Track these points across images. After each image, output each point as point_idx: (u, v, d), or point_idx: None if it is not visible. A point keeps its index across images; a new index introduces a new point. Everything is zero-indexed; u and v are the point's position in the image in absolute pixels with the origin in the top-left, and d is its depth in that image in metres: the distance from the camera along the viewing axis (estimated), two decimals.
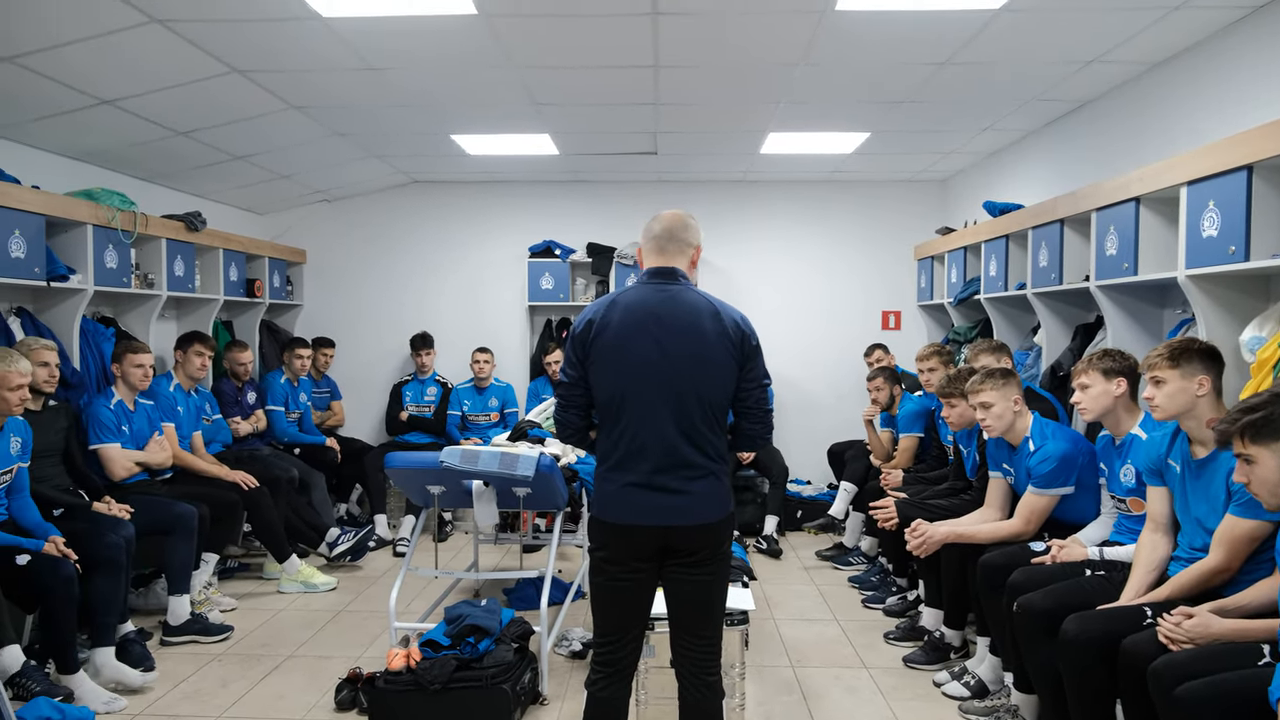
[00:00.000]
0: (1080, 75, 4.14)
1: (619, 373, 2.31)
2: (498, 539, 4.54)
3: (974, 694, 3.34)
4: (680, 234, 2.42)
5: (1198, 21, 3.43)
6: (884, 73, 4.20)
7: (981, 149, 5.85)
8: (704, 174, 6.89)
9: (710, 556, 2.36)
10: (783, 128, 5.34)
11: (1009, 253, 4.81)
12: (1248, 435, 2.04)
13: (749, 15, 3.46)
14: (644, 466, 2.30)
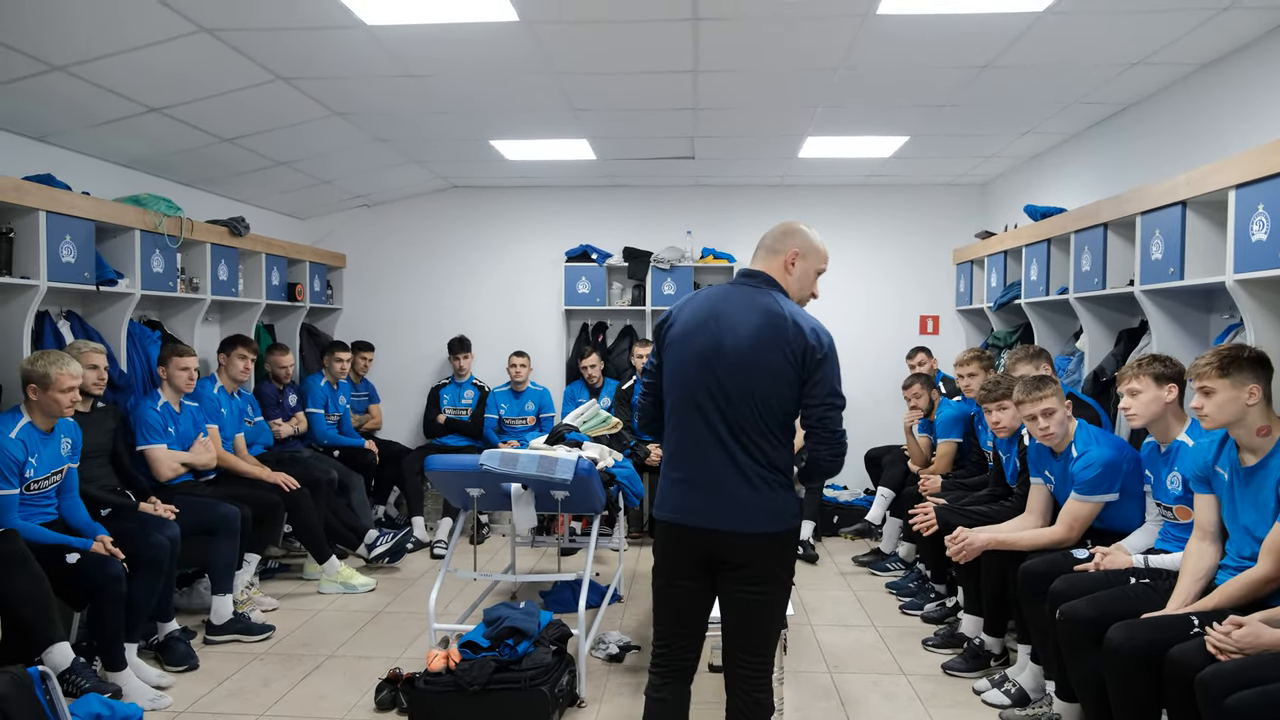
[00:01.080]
0: (1124, 77, 4.08)
1: (678, 366, 2.34)
2: (534, 542, 4.57)
3: (1015, 702, 3.29)
4: (775, 240, 2.42)
5: (1247, 23, 3.37)
6: (924, 76, 4.18)
7: (1022, 152, 5.78)
8: (741, 178, 6.89)
9: (762, 572, 2.28)
10: (821, 132, 5.33)
11: (1050, 257, 4.74)
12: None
13: (789, 20, 3.46)
14: (694, 464, 2.29)
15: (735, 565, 2.27)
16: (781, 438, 2.29)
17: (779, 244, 2.41)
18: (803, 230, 2.43)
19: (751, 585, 2.28)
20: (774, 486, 2.27)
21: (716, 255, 7.01)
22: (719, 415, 2.26)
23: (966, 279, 6.45)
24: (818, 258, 2.43)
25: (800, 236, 2.42)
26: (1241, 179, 2.97)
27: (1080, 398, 3.99)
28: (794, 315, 2.28)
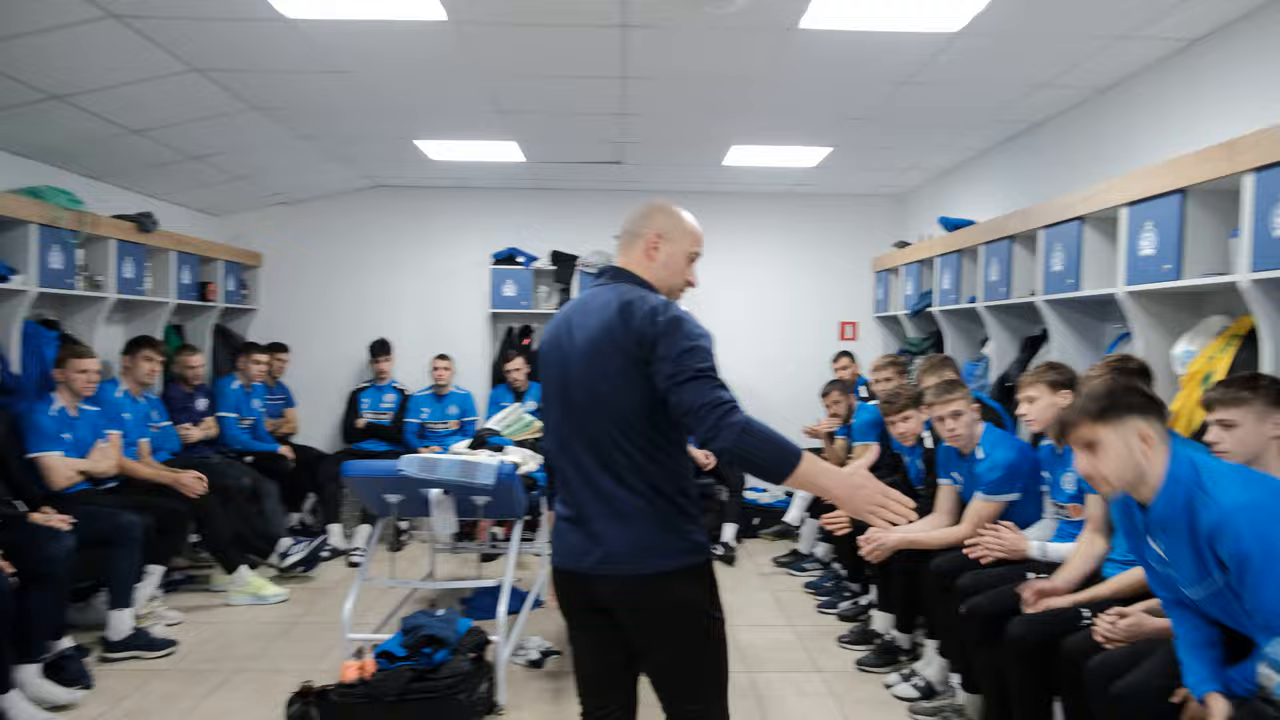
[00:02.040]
0: (1031, 98, 4.28)
1: (543, 389, 2.09)
2: (455, 548, 4.52)
3: (923, 695, 3.41)
4: (634, 223, 2.07)
5: (1139, 51, 3.58)
6: (845, 89, 4.30)
7: (938, 166, 6.00)
8: (668, 184, 6.94)
9: (658, 622, 1.91)
10: (746, 140, 5.44)
11: (961, 267, 4.93)
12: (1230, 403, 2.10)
13: (714, 30, 3.51)
14: (566, 498, 1.99)
15: (626, 614, 1.94)
16: (656, 452, 1.89)
17: (638, 226, 2.05)
18: (667, 208, 2.08)
19: (651, 636, 1.93)
20: (655, 515, 1.89)
21: None
22: (579, 439, 1.93)
23: (884, 287, 6.65)
24: (688, 239, 2.07)
25: (663, 216, 2.06)
26: (1131, 197, 3.15)
27: (986, 402, 4.15)
28: (627, 300, 1.89)
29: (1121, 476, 2.00)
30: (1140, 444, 1.98)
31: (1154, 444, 1.99)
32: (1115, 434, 1.99)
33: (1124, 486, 2.02)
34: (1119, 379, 2.36)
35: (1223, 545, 1.83)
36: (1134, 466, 1.99)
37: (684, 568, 1.92)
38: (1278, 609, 1.77)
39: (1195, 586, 1.97)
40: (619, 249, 2.10)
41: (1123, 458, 1.99)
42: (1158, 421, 2.04)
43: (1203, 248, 2.92)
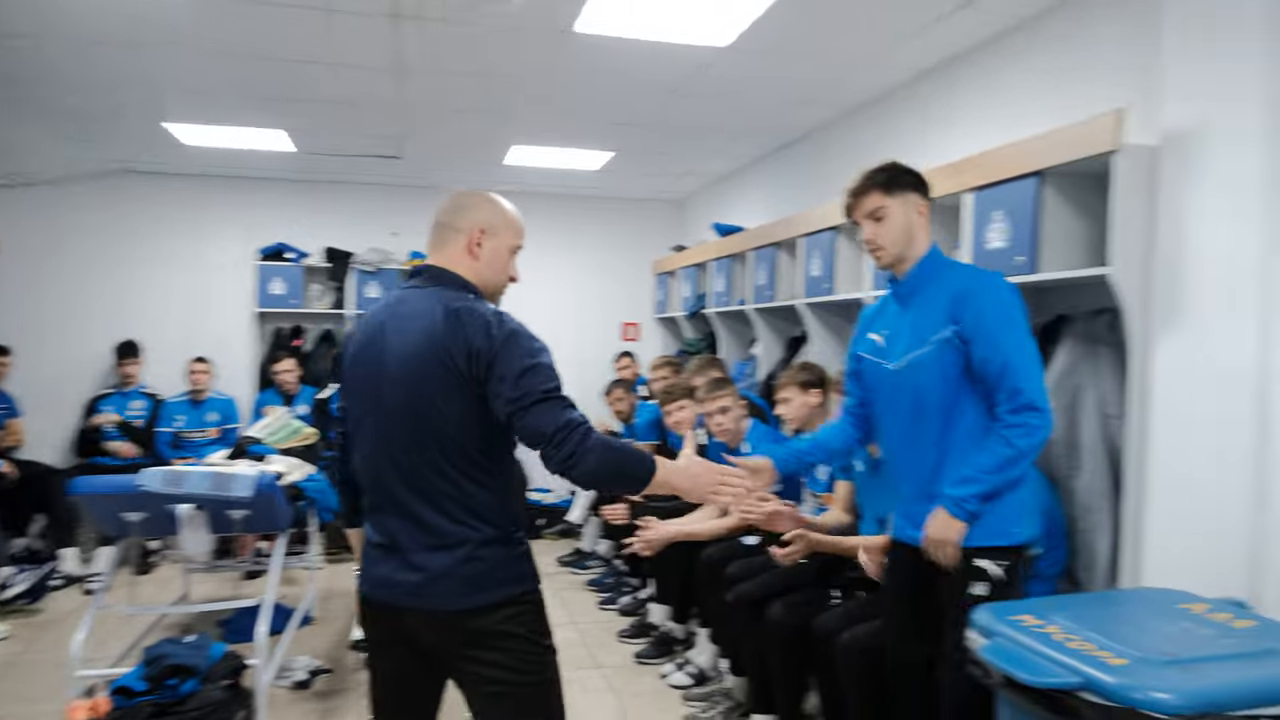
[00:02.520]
0: (796, 112, 4.58)
1: (350, 405, 1.86)
2: (214, 566, 4.17)
3: (695, 681, 3.55)
4: (451, 215, 1.86)
5: (881, 77, 3.94)
6: (623, 95, 4.39)
7: (714, 172, 6.29)
8: (450, 181, 6.79)
9: (478, 662, 1.73)
10: (526, 141, 5.43)
11: (733, 271, 5.19)
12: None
13: (490, 29, 3.47)
14: (380, 524, 1.79)
15: (447, 652, 1.77)
16: (483, 477, 1.74)
17: (457, 220, 1.85)
18: (488, 198, 1.90)
19: (476, 676, 1.76)
20: (480, 545, 1.72)
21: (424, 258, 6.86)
22: (394, 460, 1.74)
23: (664, 289, 6.88)
24: (511, 232, 1.90)
25: (485, 208, 1.88)
26: None
27: (753, 400, 4.40)
28: (453, 308, 1.71)
29: (898, 243, 2.17)
30: (917, 216, 2.18)
31: (925, 219, 2.20)
32: (899, 204, 2.17)
33: (896, 254, 2.19)
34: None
35: (966, 308, 2.07)
36: (909, 235, 2.17)
37: (511, 599, 1.75)
38: (999, 364, 2.03)
39: (909, 354, 2.16)
40: (432, 245, 1.88)
41: (902, 226, 2.17)
42: (927, 203, 2.24)
43: None
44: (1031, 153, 2.63)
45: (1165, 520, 2.34)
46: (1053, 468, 2.69)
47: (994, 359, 2.04)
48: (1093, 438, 2.63)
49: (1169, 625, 1.82)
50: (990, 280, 2.14)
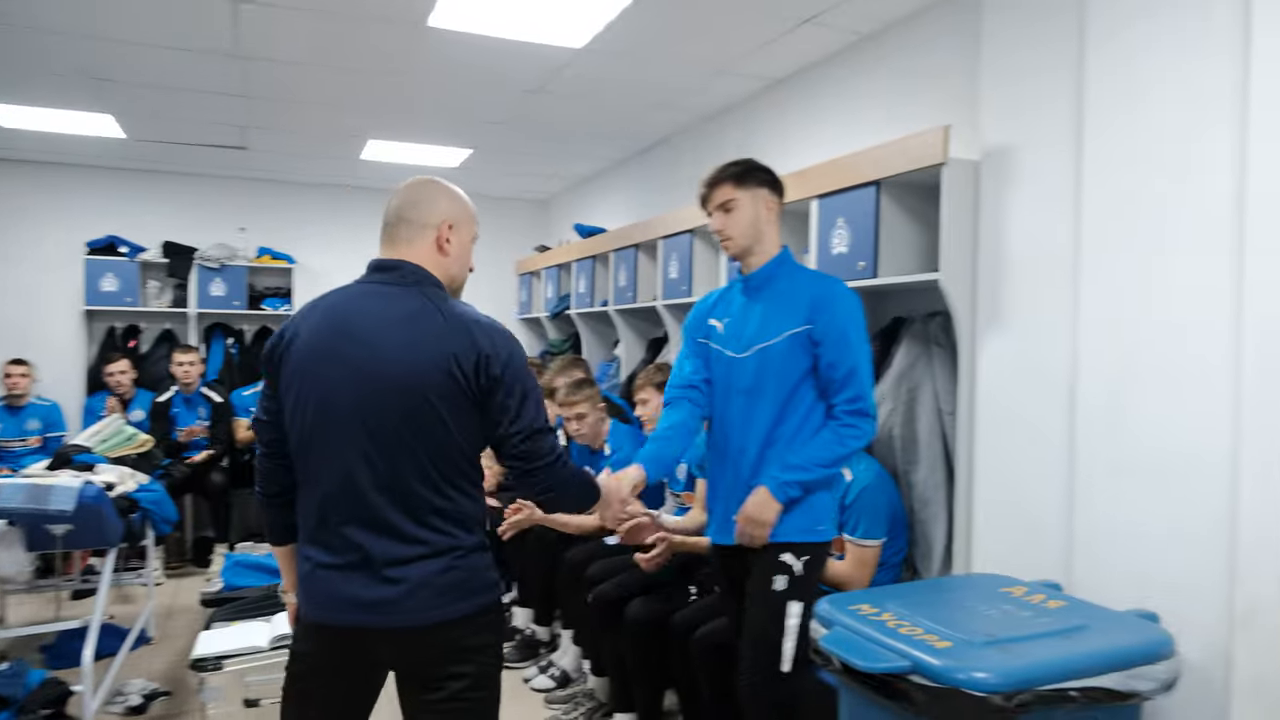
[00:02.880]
0: (653, 116, 4.64)
1: (304, 406, 1.68)
2: (35, 587, 3.84)
3: (558, 684, 3.54)
4: (416, 209, 1.76)
5: (736, 86, 4.05)
6: (481, 93, 4.33)
7: (577, 174, 6.29)
8: (303, 175, 6.53)
9: (447, 676, 1.66)
10: (384, 136, 5.28)
11: (595, 272, 5.21)
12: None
13: (338, 17, 3.35)
14: (339, 539, 1.65)
15: (410, 671, 1.69)
16: (464, 484, 1.70)
17: (424, 214, 1.75)
18: (449, 189, 1.81)
19: (442, 694, 1.66)
20: (457, 554, 1.67)
21: (275, 255, 6.56)
22: (369, 469, 1.64)
23: (527, 289, 6.83)
24: (472, 222, 1.84)
25: (448, 199, 1.79)
26: None
27: (615, 401, 4.43)
28: (458, 315, 1.68)
29: (745, 234, 2.22)
30: (765, 211, 2.23)
31: (774, 216, 2.25)
32: (749, 198, 2.21)
33: (743, 245, 2.23)
34: None
35: (823, 312, 2.13)
36: (757, 229, 2.22)
37: (489, 607, 1.72)
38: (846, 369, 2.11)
39: (756, 344, 2.19)
40: (392, 241, 1.76)
41: (750, 219, 2.21)
42: (780, 201, 2.28)
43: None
44: (870, 163, 2.77)
45: (991, 509, 2.51)
46: (894, 462, 2.84)
47: (841, 364, 2.12)
48: (929, 433, 2.79)
49: (991, 608, 1.96)
50: (844, 289, 2.23)
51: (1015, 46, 2.43)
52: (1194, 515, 1.92)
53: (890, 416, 2.81)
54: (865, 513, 2.67)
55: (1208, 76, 1.93)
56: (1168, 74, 2.02)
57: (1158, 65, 2.04)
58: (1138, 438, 2.05)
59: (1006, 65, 2.46)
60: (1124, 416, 2.08)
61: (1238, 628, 1.79)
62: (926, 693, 1.65)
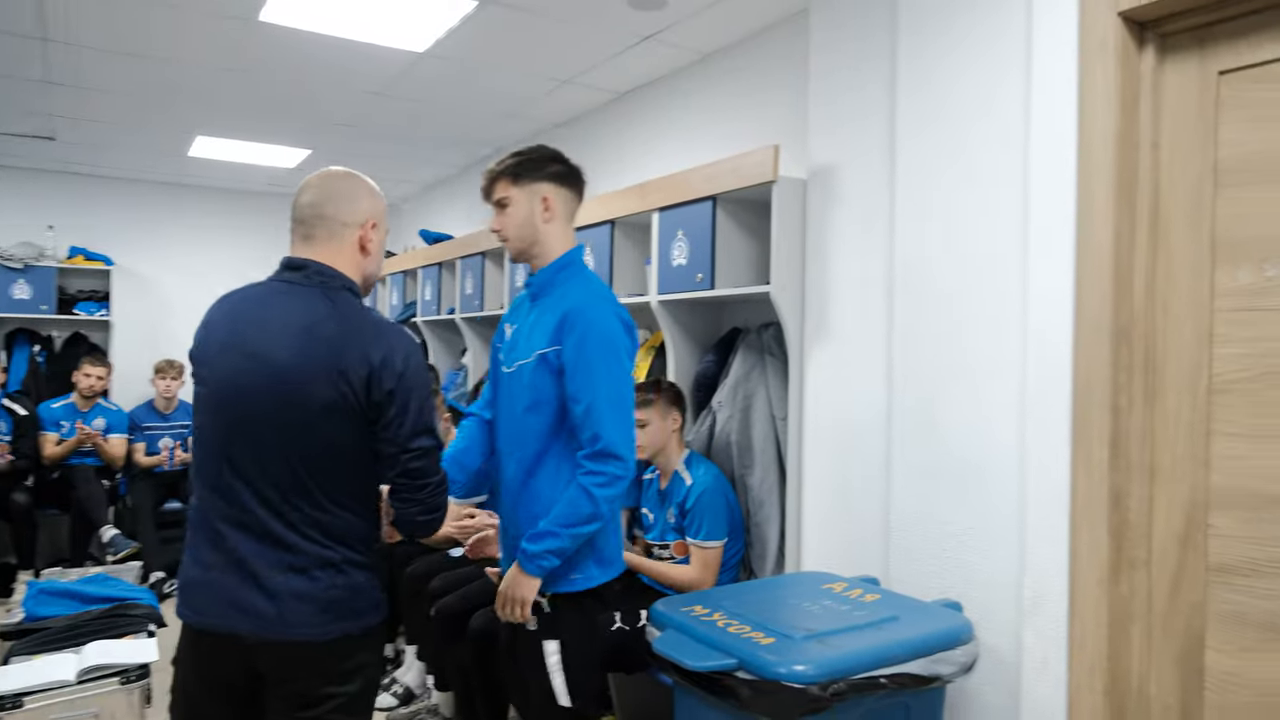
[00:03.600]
0: (500, 124, 4.62)
1: (201, 403, 1.67)
2: None
3: (401, 701, 3.46)
4: (331, 208, 1.69)
5: (581, 97, 4.10)
6: (320, 93, 4.18)
7: (423, 179, 6.16)
8: (122, 170, 6.08)
9: (324, 695, 1.60)
10: (214, 133, 5.01)
11: (441, 279, 5.12)
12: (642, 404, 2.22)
13: (158, 5, 3.15)
14: (218, 542, 1.61)
15: (283, 686, 1.63)
16: (350, 501, 1.64)
17: (345, 212, 1.69)
18: (365, 184, 1.75)
19: (306, 712, 1.60)
20: (340, 570, 1.62)
21: (89, 256, 6.08)
22: (251, 476, 1.60)
23: (372, 296, 6.62)
24: (385, 217, 1.78)
25: (369, 196, 1.74)
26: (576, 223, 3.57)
27: (460, 410, 4.37)
28: (356, 326, 1.62)
29: (518, 235, 2.02)
30: (542, 209, 2.01)
31: (559, 213, 2.03)
32: (524, 195, 2.02)
33: (518, 247, 2.04)
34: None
35: (570, 333, 1.90)
36: (532, 227, 2.01)
37: (370, 629, 1.67)
38: (585, 404, 1.88)
39: (518, 360, 2.00)
40: (305, 238, 1.68)
41: (523, 217, 2.01)
42: (574, 201, 2.10)
43: (630, 270, 3.43)
44: (706, 179, 2.87)
45: (818, 511, 2.66)
46: (731, 466, 2.94)
47: (581, 399, 1.89)
48: (764, 439, 2.91)
49: (812, 604, 2.07)
50: (600, 310, 1.94)
51: (838, 67, 2.59)
52: (991, 512, 2.10)
53: (728, 423, 2.92)
54: (706, 515, 2.75)
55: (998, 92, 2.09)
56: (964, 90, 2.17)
57: (954, 82, 2.20)
58: (944, 442, 2.22)
59: (830, 85, 2.61)
60: (932, 423, 2.25)
61: (1027, 614, 1.97)
62: (751, 688, 1.73)
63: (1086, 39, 1.85)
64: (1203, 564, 1.78)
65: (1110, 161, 1.81)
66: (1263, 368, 1.69)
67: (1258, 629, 1.69)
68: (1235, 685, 1.73)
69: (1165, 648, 1.83)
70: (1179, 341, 1.81)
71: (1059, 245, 1.91)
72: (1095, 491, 1.84)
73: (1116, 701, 1.85)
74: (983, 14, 2.13)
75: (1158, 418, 1.85)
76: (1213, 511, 1.76)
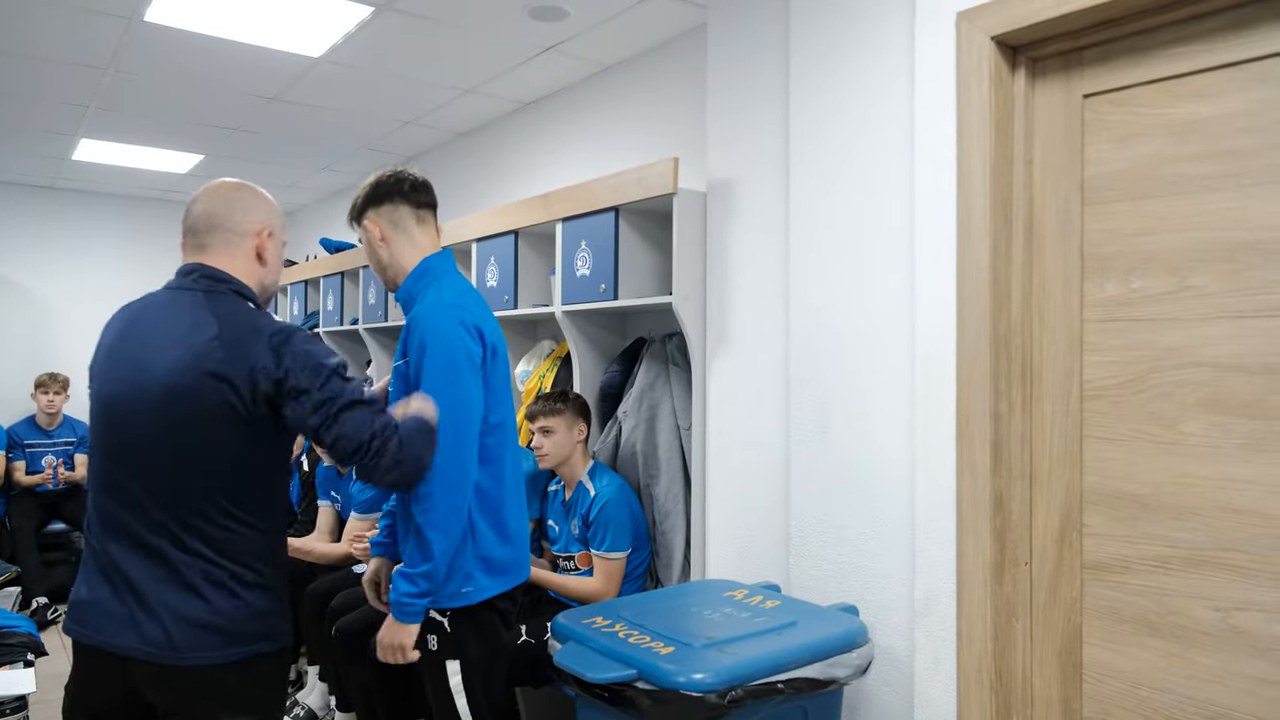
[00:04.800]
0: (402, 132, 4.54)
1: (94, 411, 1.64)
2: None
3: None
4: (225, 218, 1.67)
5: (486, 106, 4.07)
6: (211, 96, 4.03)
7: (323, 187, 6.00)
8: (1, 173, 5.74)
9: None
10: (98, 135, 4.76)
11: (344, 289, 5.00)
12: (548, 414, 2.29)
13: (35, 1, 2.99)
14: (104, 558, 1.56)
15: (165, 715, 1.58)
16: (244, 515, 1.58)
17: (239, 222, 1.67)
18: (259, 193, 1.74)
19: None
20: (227, 591, 1.55)
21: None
22: (132, 490, 1.55)
23: (273, 305, 6.40)
24: (283, 226, 1.79)
25: (263, 204, 1.73)
26: (480, 234, 3.54)
27: None
28: (235, 322, 1.58)
29: (379, 265, 2.07)
30: (377, 231, 2.04)
31: (386, 234, 2.04)
32: (369, 225, 2.05)
33: (387, 276, 2.08)
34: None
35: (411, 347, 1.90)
36: (375, 259, 2.07)
37: (260, 655, 1.59)
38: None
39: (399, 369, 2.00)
40: (200, 248, 1.66)
41: (373, 246, 2.05)
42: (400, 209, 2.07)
43: (535, 280, 3.41)
44: (609, 190, 2.88)
45: (721, 519, 2.69)
46: (637, 476, 2.95)
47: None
48: (669, 448, 2.93)
49: (713, 612, 2.09)
50: (432, 319, 1.89)
51: (733, 81, 2.63)
52: (883, 517, 2.16)
53: (633, 433, 2.93)
54: (610, 525, 2.75)
55: (883, 106, 2.15)
56: (851, 103, 2.23)
57: (842, 96, 2.25)
58: (839, 449, 2.27)
59: (726, 99, 2.66)
60: (828, 431, 2.30)
61: (919, 615, 2.04)
62: (651, 698, 1.73)
63: (963, 60, 1.93)
64: (1079, 562, 1.87)
65: (987, 178, 1.90)
66: (1129, 374, 1.79)
67: (1130, 623, 1.79)
68: (1110, 677, 1.82)
69: (1047, 643, 1.92)
70: (1053, 350, 1.90)
71: (942, 257, 1.98)
72: (979, 495, 1.91)
73: (1003, 696, 1.92)
74: (868, 28, 2.19)
75: (1035, 423, 1.93)
76: (1087, 512, 1.85)
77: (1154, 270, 1.75)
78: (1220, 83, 1.67)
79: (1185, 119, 1.71)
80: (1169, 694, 1.73)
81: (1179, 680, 1.72)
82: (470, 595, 1.94)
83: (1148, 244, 1.76)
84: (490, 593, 1.97)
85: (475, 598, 1.95)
